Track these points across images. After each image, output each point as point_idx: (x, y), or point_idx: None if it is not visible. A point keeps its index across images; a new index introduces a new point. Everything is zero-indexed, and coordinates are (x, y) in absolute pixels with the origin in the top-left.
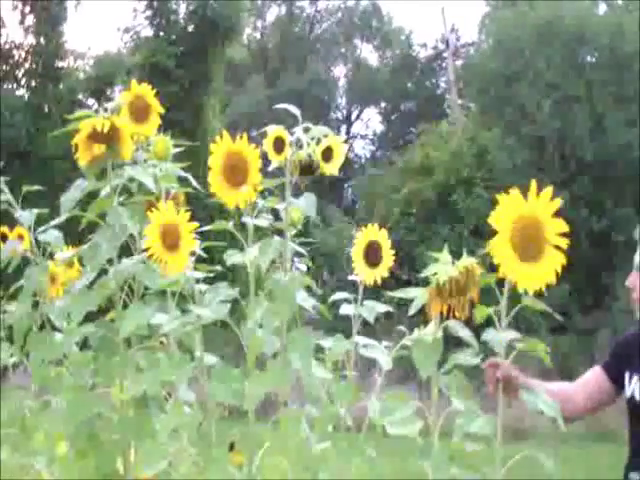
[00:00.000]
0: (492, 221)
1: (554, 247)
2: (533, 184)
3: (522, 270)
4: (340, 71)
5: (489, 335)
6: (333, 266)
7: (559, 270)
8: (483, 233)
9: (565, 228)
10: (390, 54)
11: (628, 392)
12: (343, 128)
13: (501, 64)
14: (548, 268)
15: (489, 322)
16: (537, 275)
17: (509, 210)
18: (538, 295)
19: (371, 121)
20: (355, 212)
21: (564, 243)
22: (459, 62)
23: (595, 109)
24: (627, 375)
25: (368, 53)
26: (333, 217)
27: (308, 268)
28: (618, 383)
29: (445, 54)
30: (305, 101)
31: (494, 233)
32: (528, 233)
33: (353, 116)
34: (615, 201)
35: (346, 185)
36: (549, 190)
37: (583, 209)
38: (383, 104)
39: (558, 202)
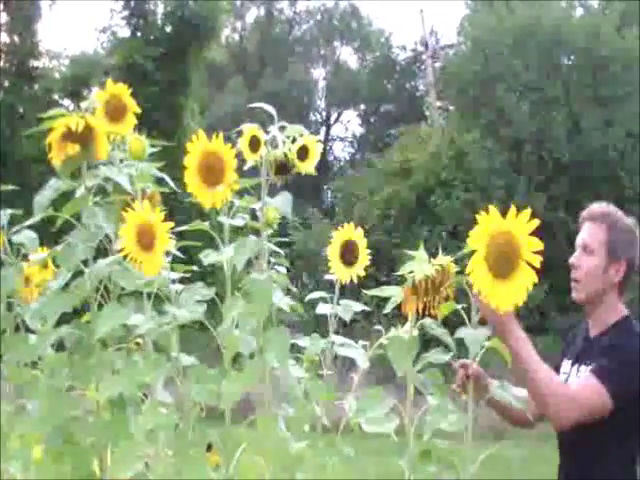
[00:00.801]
0: (470, 241)
1: (527, 264)
2: (512, 209)
3: (495, 288)
4: (319, 73)
5: (463, 333)
6: (312, 268)
7: (530, 288)
8: (462, 234)
9: (540, 247)
10: (370, 56)
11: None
12: (322, 130)
13: (479, 66)
14: (520, 286)
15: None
16: (509, 293)
17: (486, 227)
18: None
19: (350, 123)
20: (334, 214)
21: (537, 261)
22: (438, 64)
23: (572, 111)
24: (562, 361)
25: (347, 55)
26: (312, 219)
27: (287, 270)
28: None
29: (424, 56)
30: (284, 103)
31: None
32: (503, 251)
33: (332, 118)
34: (592, 202)
35: (325, 187)
36: (527, 212)
37: (561, 210)
38: (362, 106)
39: (535, 223)
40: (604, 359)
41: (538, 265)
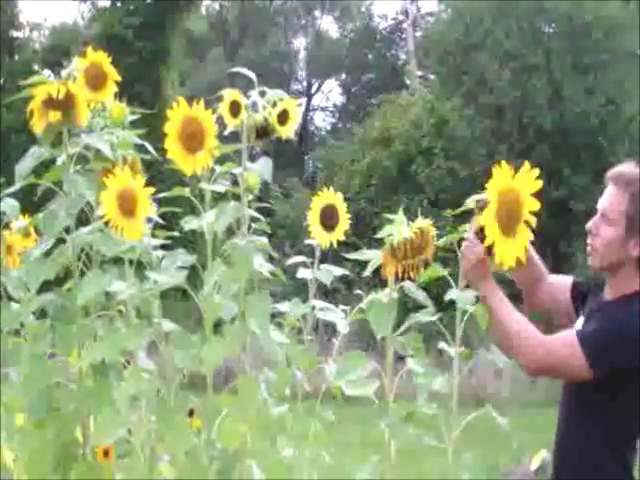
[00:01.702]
0: (487, 193)
1: (524, 223)
2: (526, 165)
3: (501, 243)
4: (300, 43)
5: (454, 294)
6: (294, 237)
7: (527, 247)
8: (443, 202)
9: (537, 207)
10: (350, 26)
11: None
12: (303, 100)
13: (460, 34)
14: (520, 242)
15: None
16: (512, 249)
17: (496, 184)
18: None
19: (332, 93)
20: (316, 184)
21: (533, 222)
22: (419, 33)
23: (553, 78)
24: (580, 315)
25: (328, 25)
26: (294, 189)
27: (269, 238)
28: (574, 304)
29: (405, 25)
30: (265, 73)
31: (455, 203)
32: (509, 208)
33: (313, 88)
34: (573, 170)
35: (307, 157)
36: (535, 171)
37: (542, 177)
38: (344, 76)
39: (540, 184)
40: (595, 324)
41: (534, 225)
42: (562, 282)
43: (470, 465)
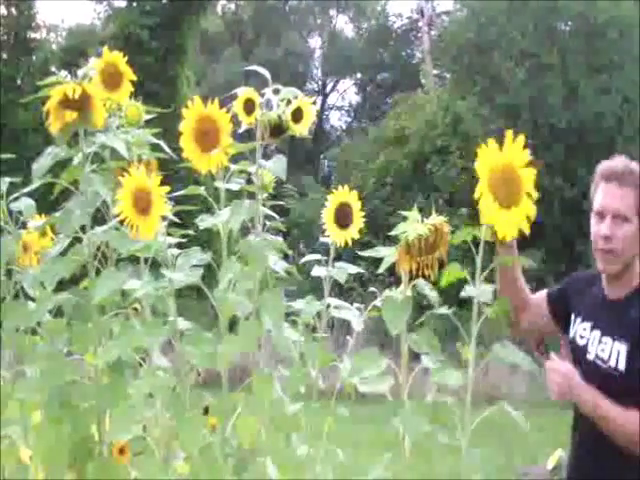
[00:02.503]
0: (477, 170)
1: (526, 195)
2: (508, 134)
3: (501, 217)
4: (315, 42)
5: (471, 291)
6: (309, 236)
7: (531, 218)
8: (458, 201)
9: (533, 174)
10: (366, 25)
11: (571, 333)
12: (319, 99)
13: (475, 33)
14: (523, 214)
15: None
16: (514, 221)
17: (487, 159)
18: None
19: (347, 92)
20: (331, 183)
21: (535, 193)
22: (434, 32)
23: (568, 77)
24: (573, 316)
25: (343, 24)
26: (309, 188)
27: (284, 237)
28: (557, 316)
29: (420, 24)
30: (280, 73)
31: (470, 201)
32: (505, 181)
33: (329, 87)
34: (587, 169)
35: (322, 156)
36: (522, 138)
37: (556, 177)
38: (359, 75)
39: (527, 151)
40: None
41: (535, 196)
42: (540, 303)
43: (481, 465)
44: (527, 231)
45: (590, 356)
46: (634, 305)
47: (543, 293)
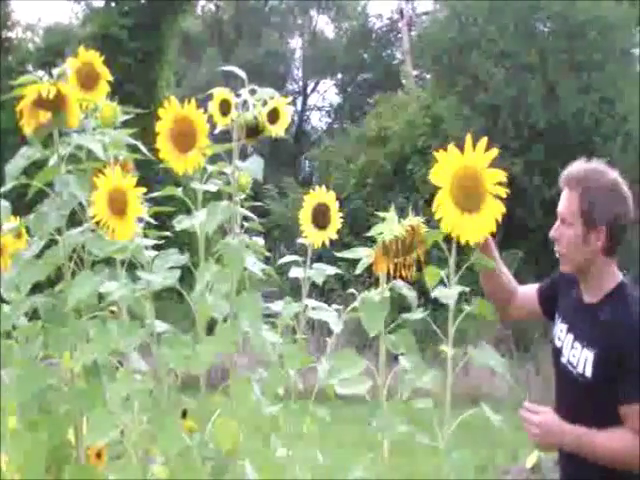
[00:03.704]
0: (432, 177)
1: (494, 197)
2: (468, 138)
3: (463, 222)
4: (296, 43)
5: (438, 291)
6: (289, 237)
7: (499, 219)
8: None
9: (503, 177)
10: (346, 25)
11: (553, 333)
12: (299, 100)
13: (455, 33)
14: (488, 218)
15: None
16: (478, 225)
17: (448, 165)
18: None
19: (327, 93)
20: (312, 183)
21: (503, 192)
22: (414, 33)
23: (548, 77)
24: (557, 315)
25: (324, 25)
26: (290, 189)
27: (265, 238)
28: (544, 307)
29: (400, 24)
30: (261, 73)
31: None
32: (467, 185)
33: (309, 88)
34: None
35: (302, 157)
36: (484, 141)
37: (536, 177)
38: (339, 75)
39: (494, 152)
40: (624, 376)
41: (504, 195)
42: (530, 293)
43: (459, 464)
44: (493, 232)
45: (564, 359)
46: (603, 311)
47: (534, 288)
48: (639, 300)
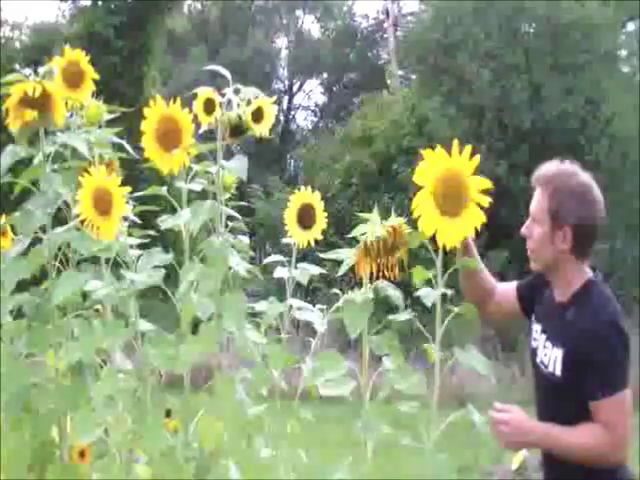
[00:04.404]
0: (416, 176)
1: (476, 204)
2: (455, 143)
3: (441, 224)
4: (282, 42)
5: (423, 292)
6: (275, 236)
7: (479, 227)
8: None
9: (487, 185)
10: (332, 25)
11: (530, 334)
12: (285, 99)
13: (440, 34)
14: (468, 223)
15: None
16: (456, 229)
17: (433, 166)
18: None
19: (313, 92)
20: (297, 183)
21: (485, 201)
22: (400, 33)
23: (533, 78)
24: (533, 315)
25: (310, 24)
26: (275, 188)
27: (250, 237)
28: (522, 305)
29: (386, 24)
30: (247, 72)
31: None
32: (450, 188)
33: (295, 87)
34: None
35: (288, 156)
36: (469, 147)
37: (522, 177)
38: (325, 75)
39: (478, 159)
40: (591, 374)
41: (487, 204)
42: (508, 291)
43: (441, 466)
44: (471, 235)
45: (538, 359)
46: (570, 310)
47: (513, 285)
48: (605, 298)
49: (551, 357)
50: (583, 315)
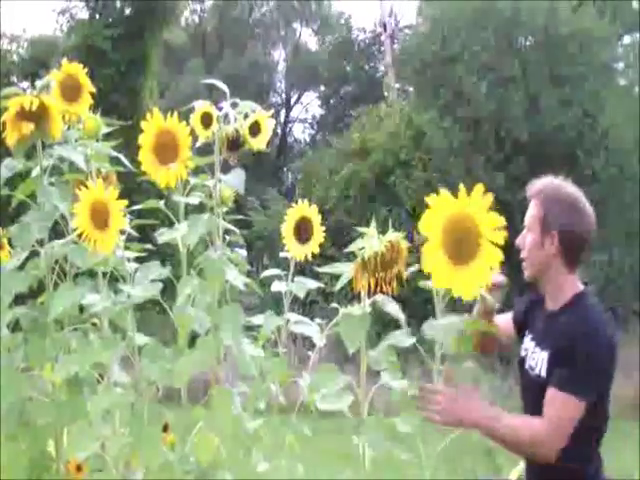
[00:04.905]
0: (422, 226)
1: (491, 243)
2: (462, 188)
3: (456, 276)
4: (279, 55)
5: (427, 326)
6: (272, 249)
7: (496, 267)
8: (420, 214)
9: (502, 222)
10: (329, 38)
11: (520, 348)
12: (282, 112)
13: (437, 46)
14: (484, 268)
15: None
16: (471, 277)
17: (440, 212)
18: None
19: (310, 105)
20: (294, 195)
21: (500, 239)
22: (397, 45)
23: (530, 90)
24: (526, 332)
25: (307, 37)
26: (272, 201)
27: (247, 249)
28: (518, 331)
29: (383, 37)
30: (244, 85)
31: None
32: (461, 234)
33: (292, 100)
34: None
35: (285, 169)
36: (480, 187)
37: (519, 190)
38: (322, 88)
39: (490, 198)
40: (565, 368)
41: (502, 242)
42: (506, 324)
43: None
44: (488, 282)
45: (526, 365)
46: (560, 317)
47: (508, 317)
48: (594, 310)
49: (538, 360)
50: (571, 320)
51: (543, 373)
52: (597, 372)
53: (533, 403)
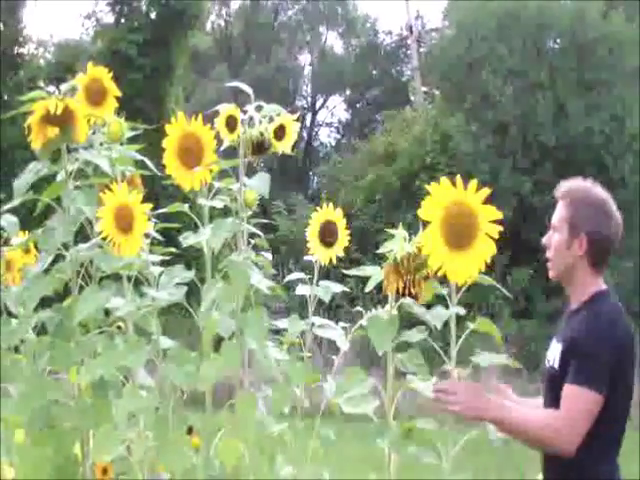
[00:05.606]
0: (422, 212)
1: (486, 235)
2: (458, 179)
3: (452, 260)
4: (305, 59)
5: (433, 312)
6: (297, 253)
7: (488, 259)
8: None
9: (498, 216)
10: (355, 41)
11: (548, 355)
12: (308, 116)
13: (463, 50)
14: (478, 257)
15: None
16: (466, 264)
17: (440, 199)
18: (502, 279)
19: (336, 109)
20: (320, 200)
21: (495, 231)
22: (423, 49)
23: (557, 95)
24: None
25: (333, 41)
26: (298, 205)
27: (272, 254)
28: None
29: (409, 41)
30: (270, 89)
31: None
32: (460, 221)
33: (318, 104)
34: None
35: (311, 173)
36: (474, 182)
37: (546, 194)
38: (348, 92)
39: (487, 191)
40: (574, 360)
41: (497, 235)
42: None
43: None
44: (481, 270)
45: (546, 360)
46: (579, 314)
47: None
48: (612, 308)
49: (555, 353)
50: (585, 315)
51: (556, 365)
52: (603, 365)
53: (549, 395)
